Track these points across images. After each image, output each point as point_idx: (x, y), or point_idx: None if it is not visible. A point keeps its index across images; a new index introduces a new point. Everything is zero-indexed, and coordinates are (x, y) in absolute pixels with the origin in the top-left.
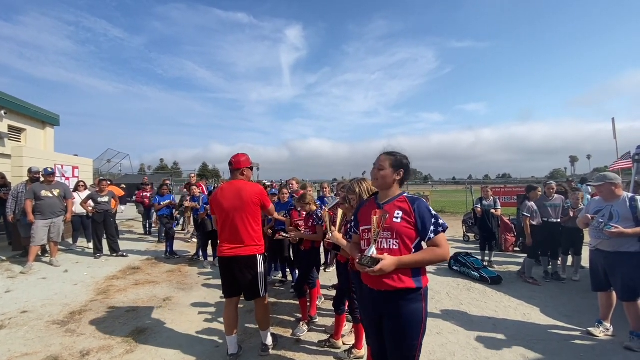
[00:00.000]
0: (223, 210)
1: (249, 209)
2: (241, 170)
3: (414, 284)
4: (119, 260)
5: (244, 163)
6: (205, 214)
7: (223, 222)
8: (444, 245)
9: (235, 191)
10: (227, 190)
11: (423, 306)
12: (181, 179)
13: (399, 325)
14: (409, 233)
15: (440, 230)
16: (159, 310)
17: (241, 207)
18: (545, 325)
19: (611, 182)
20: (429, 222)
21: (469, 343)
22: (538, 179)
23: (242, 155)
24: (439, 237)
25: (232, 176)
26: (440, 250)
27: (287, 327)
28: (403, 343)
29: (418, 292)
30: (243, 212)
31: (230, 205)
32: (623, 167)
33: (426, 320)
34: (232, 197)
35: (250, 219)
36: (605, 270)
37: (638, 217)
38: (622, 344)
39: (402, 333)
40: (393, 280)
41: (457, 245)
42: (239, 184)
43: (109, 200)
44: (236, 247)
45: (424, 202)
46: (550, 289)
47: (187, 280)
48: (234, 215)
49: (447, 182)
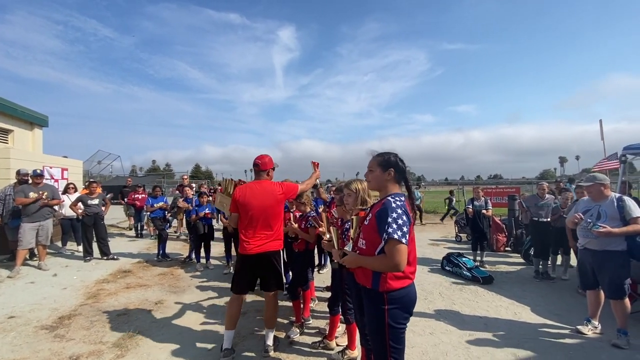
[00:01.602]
0: (252, 209)
1: (279, 208)
2: (267, 171)
3: (370, 284)
4: (109, 264)
5: (269, 164)
6: (197, 217)
7: (250, 219)
8: (392, 255)
9: (264, 191)
10: (256, 189)
11: (385, 309)
12: (173, 181)
13: (367, 321)
14: (372, 237)
15: (386, 238)
16: (151, 314)
17: (271, 205)
18: (535, 324)
19: (600, 182)
20: (382, 229)
21: (461, 343)
22: (529, 180)
23: (266, 156)
24: (387, 246)
25: (257, 177)
26: (385, 260)
27: (280, 329)
28: (373, 340)
29: (378, 294)
30: (273, 210)
31: (260, 203)
32: (610, 168)
33: (393, 323)
34: (263, 196)
35: (278, 217)
36: (593, 269)
37: (625, 216)
38: (610, 342)
39: (369, 329)
40: (357, 276)
41: (449, 246)
42: (266, 184)
43: (99, 202)
44: (265, 243)
45: (392, 206)
46: (541, 288)
47: (179, 283)
48: (265, 213)
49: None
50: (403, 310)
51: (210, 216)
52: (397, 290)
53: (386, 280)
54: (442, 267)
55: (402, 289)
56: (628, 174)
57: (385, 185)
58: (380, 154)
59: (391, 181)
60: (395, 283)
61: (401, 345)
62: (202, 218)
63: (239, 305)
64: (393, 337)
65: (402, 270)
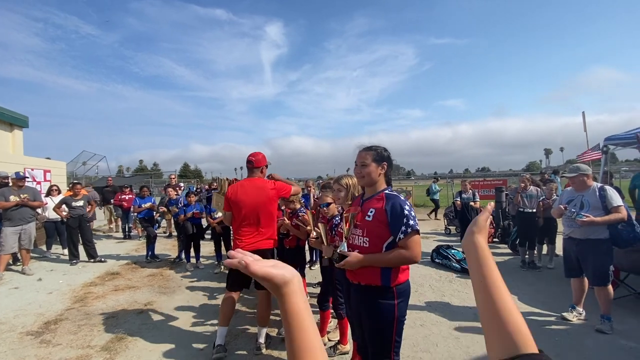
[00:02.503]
0: (245, 206)
1: (272, 206)
2: (261, 168)
3: (380, 282)
4: (96, 266)
5: (262, 161)
6: (185, 217)
7: (243, 217)
8: (413, 247)
9: (257, 188)
10: (249, 187)
11: (395, 303)
12: (162, 180)
13: (371, 320)
14: (380, 232)
15: (409, 231)
16: (140, 316)
17: (264, 203)
18: (523, 312)
19: (583, 173)
20: (399, 223)
21: (451, 333)
22: (515, 172)
23: (259, 153)
24: (407, 239)
25: (250, 174)
26: (407, 253)
27: (272, 326)
28: (376, 338)
29: (388, 290)
30: (266, 208)
31: (253, 201)
32: (593, 159)
33: (400, 317)
34: (256, 194)
35: (271, 214)
36: (577, 257)
37: (607, 205)
38: (594, 327)
39: (375, 328)
40: (362, 276)
41: (439, 238)
42: (259, 181)
43: (83, 204)
44: (258, 241)
45: (400, 200)
46: (527, 277)
47: (169, 284)
48: (257, 211)
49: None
50: (406, 302)
51: (199, 216)
52: (403, 282)
53: (397, 274)
54: (432, 260)
55: (407, 281)
56: (610, 164)
57: (377, 180)
58: (372, 147)
59: (382, 175)
60: (403, 276)
61: (401, 338)
62: (191, 218)
63: (233, 302)
64: (399, 331)
65: (419, 260)
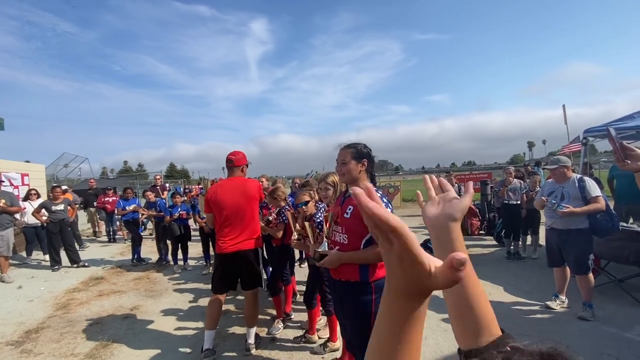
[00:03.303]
0: (226, 207)
1: (253, 205)
2: (241, 167)
3: (358, 277)
4: (80, 271)
5: (243, 160)
6: (172, 219)
7: (225, 218)
8: None
9: (238, 187)
10: (229, 186)
11: (372, 299)
12: (147, 181)
13: (351, 315)
14: (358, 229)
15: None
16: (126, 321)
17: (246, 202)
18: (508, 303)
19: (563, 165)
20: None
21: (439, 326)
22: (500, 165)
23: (239, 152)
24: None
25: (230, 173)
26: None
27: (262, 326)
28: (358, 333)
29: (367, 285)
30: (248, 208)
31: (234, 201)
32: (573, 151)
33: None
34: (236, 193)
35: (254, 214)
36: (559, 247)
37: (586, 196)
38: (577, 315)
39: (355, 323)
40: (342, 273)
41: (427, 232)
42: (240, 180)
43: (64, 208)
44: (241, 242)
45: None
46: (512, 267)
47: (156, 287)
48: (239, 211)
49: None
50: None
51: (186, 216)
52: (382, 278)
53: (375, 269)
54: None
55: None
56: (589, 155)
57: (359, 176)
58: (350, 145)
59: (364, 172)
60: (382, 271)
61: None
62: (177, 219)
63: (220, 305)
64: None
65: None
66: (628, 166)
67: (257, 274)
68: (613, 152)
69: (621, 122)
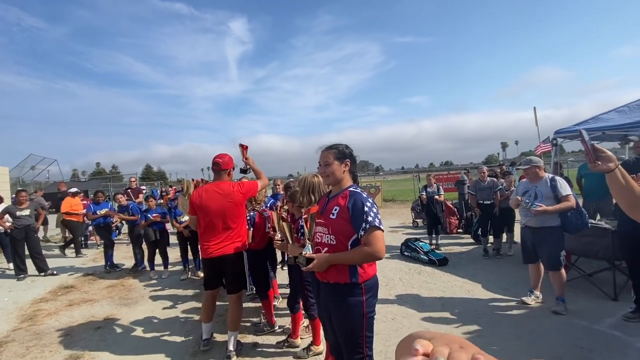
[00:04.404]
0: (210, 212)
1: (238, 210)
2: (228, 170)
3: (348, 279)
4: (48, 280)
5: (230, 164)
6: (147, 223)
7: (209, 223)
8: (374, 243)
9: (223, 193)
10: (213, 191)
11: (363, 300)
12: (122, 184)
13: (341, 318)
14: (344, 230)
15: (368, 227)
16: (99, 332)
17: (231, 207)
18: (486, 299)
19: (535, 165)
20: (360, 219)
21: (421, 325)
22: (476, 165)
23: (226, 155)
24: (368, 235)
25: (217, 177)
26: (369, 249)
27: (242, 332)
28: (347, 335)
29: (357, 287)
30: (232, 212)
31: (219, 206)
32: (544, 151)
33: (369, 312)
34: (221, 199)
35: (239, 218)
36: (533, 244)
37: (557, 195)
38: (550, 309)
39: (345, 325)
40: (330, 275)
41: (407, 232)
42: (224, 185)
43: (30, 213)
44: (226, 246)
45: (362, 196)
46: (490, 265)
47: (131, 295)
48: (224, 216)
49: (397, 172)
50: (374, 297)
51: (161, 219)
52: (371, 278)
53: (364, 270)
54: (401, 253)
55: (375, 276)
56: (559, 155)
57: (342, 177)
58: (332, 146)
59: (347, 173)
60: (370, 270)
61: (372, 333)
62: (153, 223)
63: (213, 299)
64: (369, 326)
65: (383, 256)
66: (599, 167)
67: (242, 277)
68: (585, 153)
69: (588, 123)
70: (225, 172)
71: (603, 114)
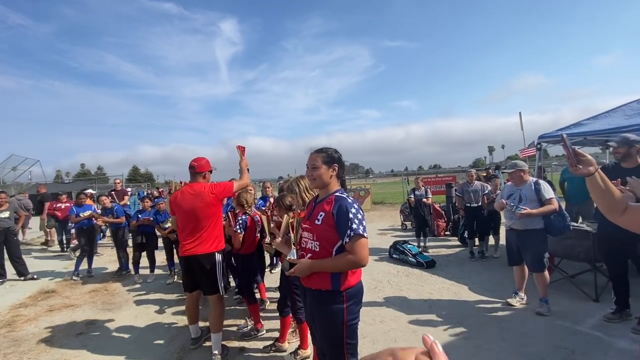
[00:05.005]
0: (183, 212)
1: (210, 210)
2: (203, 173)
3: (330, 286)
4: (27, 285)
5: (205, 167)
6: (137, 223)
7: (184, 223)
8: (358, 251)
9: (195, 194)
10: (187, 193)
11: (344, 307)
12: (108, 186)
13: (322, 324)
14: (329, 236)
15: (352, 235)
16: (80, 338)
17: (202, 207)
18: (473, 301)
19: (520, 169)
20: (344, 226)
21: (409, 327)
22: (464, 168)
23: (202, 159)
24: (352, 243)
25: (192, 179)
26: (353, 257)
27: (229, 336)
28: (329, 341)
29: (338, 294)
30: (204, 213)
31: (190, 207)
32: (529, 155)
33: (350, 320)
34: (192, 199)
35: (210, 219)
36: (518, 246)
37: (541, 198)
38: (534, 310)
39: (327, 332)
40: (312, 281)
41: (396, 234)
42: (198, 186)
43: (10, 215)
44: (197, 246)
45: (347, 202)
46: (476, 266)
47: (114, 299)
48: (196, 217)
49: (387, 175)
50: (357, 304)
51: (148, 223)
52: (354, 285)
53: (346, 277)
54: (390, 256)
55: (358, 283)
56: (543, 159)
57: (329, 181)
58: (321, 149)
59: (334, 177)
60: (353, 279)
61: (355, 339)
62: (141, 226)
63: (194, 300)
64: (350, 334)
65: (366, 264)
66: (580, 171)
67: (213, 279)
68: (566, 157)
69: (570, 129)
70: (200, 175)
71: (585, 120)
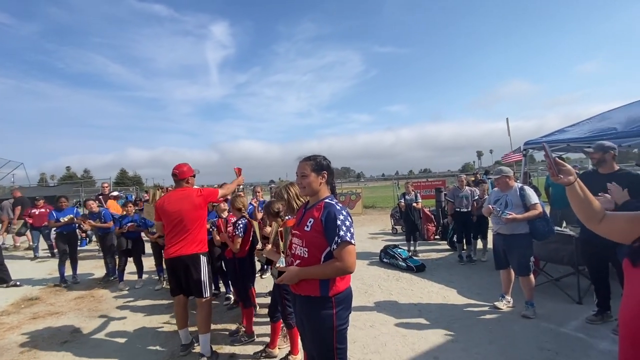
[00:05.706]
0: (171, 215)
1: (196, 213)
2: (186, 179)
3: (318, 292)
4: (10, 292)
5: (187, 173)
6: (121, 231)
7: (171, 226)
8: (346, 258)
9: (182, 197)
10: (174, 197)
11: (333, 313)
12: (94, 189)
13: (312, 330)
14: (318, 242)
15: (339, 242)
16: (65, 346)
17: (189, 210)
18: (461, 305)
19: (506, 175)
20: (332, 232)
21: (398, 331)
22: (453, 172)
23: (183, 165)
24: (340, 250)
25: (177, 185)
26: (340, 264)
27: (219, 342)
28: (319, 347)
29: (327, 300)
30: (190, 215)
31: (178, 210)
32: (515, 160)
33: (339, 325)
34: (179, 203)
35: (196, 221)
36: (504, 250)
37: (526, 203)
38: (520, 313)
39: (316, 337)
40: (301, 287)
41: (387, 238)
42: (184, 191)
43: None
44: (182, 247)
45: (336, 209)
46: (464, 270)
47: (101, 306)
48: (182, 218)
49: (378, 179)
50: (346, 309)
51: (135, 229)
52: (343, 291)
53: (335, 283)
54: (380, 260)
55: (347, 289)
56: (529, 164)
57: (319, 189)
58: (310, 157)
59: (324, 184)
60: (342, 284)
61: (345, 344)
62: (127, 231)
63: (182, 305)
64: (339, 339)
65: (353, 271)
66: (560, 180)
67: (198, 280)
68: (547, 166)
69: (555, 135)
70: (183, 181)
71: (568, 126)
